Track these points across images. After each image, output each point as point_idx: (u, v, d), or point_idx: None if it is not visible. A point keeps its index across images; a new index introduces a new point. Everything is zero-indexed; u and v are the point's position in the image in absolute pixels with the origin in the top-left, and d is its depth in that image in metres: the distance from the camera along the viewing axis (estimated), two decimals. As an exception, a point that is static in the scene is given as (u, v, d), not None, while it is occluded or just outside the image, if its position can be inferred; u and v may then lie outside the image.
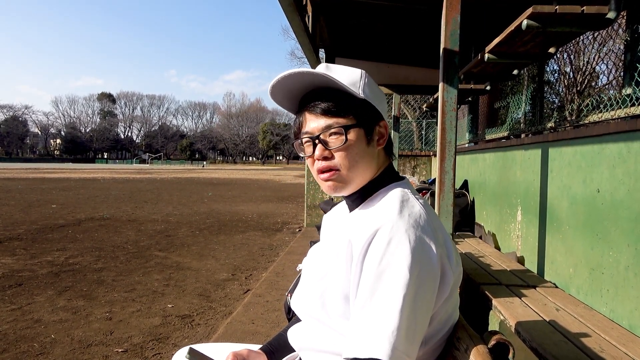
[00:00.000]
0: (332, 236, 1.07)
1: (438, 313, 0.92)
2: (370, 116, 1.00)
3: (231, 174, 38.81)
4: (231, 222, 8.77)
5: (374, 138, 1.01)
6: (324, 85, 0.98)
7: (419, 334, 0.85)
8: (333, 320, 0.95)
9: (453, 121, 2.28)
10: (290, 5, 2.58)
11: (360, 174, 0.99)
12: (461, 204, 4.96)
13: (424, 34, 4.41)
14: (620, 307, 2.08)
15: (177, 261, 5.32)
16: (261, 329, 3.10)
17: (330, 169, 0.97)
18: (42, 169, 42.42)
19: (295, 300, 1.08)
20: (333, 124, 0.96)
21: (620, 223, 2.10)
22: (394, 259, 0.84)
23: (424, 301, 0.85)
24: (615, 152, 2.18)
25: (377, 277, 0.84)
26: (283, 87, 0.99)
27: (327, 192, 1.01)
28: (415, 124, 12.94)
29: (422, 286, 0.84)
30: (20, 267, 4.86)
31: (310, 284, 1.02)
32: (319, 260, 1.02)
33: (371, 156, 1.00)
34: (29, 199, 12.63)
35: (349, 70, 1.00)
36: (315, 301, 0.99)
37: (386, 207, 0.93)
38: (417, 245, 0.85)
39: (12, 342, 2.89)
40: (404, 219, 0.88)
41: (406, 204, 0.93)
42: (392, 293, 0.82)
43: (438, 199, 2.29)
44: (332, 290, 0.95)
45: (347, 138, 0.95)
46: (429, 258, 0.86)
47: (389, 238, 0.85)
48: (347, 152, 0.96)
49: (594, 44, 5.30)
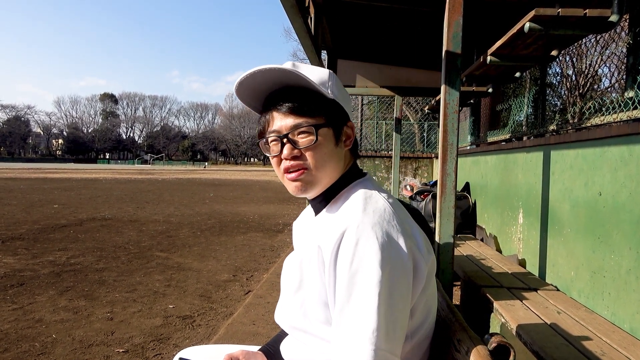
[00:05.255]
0: (302, 243, 1.06)
1: (418, 304, 0.92)
2: (338, 116, 1.00)
3: (233, 175, 38.83)
4: (232, 223, 8.77)
5: (342, 139, 1.01)
6: (292, 83, 0.96)
7: (401, 329, 0.85)
8: (317, 329, 0.94)
9: (455, 123, 2.28)
10: (292, 6, 2.58)
11: (328, 174, 0.98)
12: (463, 206, 4.96)
13: (426, 36, 4.42)
14: (621, 311, 2.08)
15: (178, 262, 5.32)
16: (262, 330, 3.10)
17: (299, 168, 0.95)
18: (44, 169, 42.50)
19: (277, 314, 1.06)
20: (302, 123, 0.94)
21: (622, 226, 2.10)
22: (364, 259, 0.83)
23: (400, 296, 0.84)
24: (617, 155, 2.17)
25: (351, 279, 0.83)
26: (250, 85, 0.97)
27: (293, 193, 0.99)
28: (417, 126, 12.94)
29: (395, 281, 0.83)
30: (22, 267, 4.87)
31: (289, 296, 1.00)
32: (293, 271, 1.00)
33: (339, 157, 1.00)
34: (31, 198, 12.65)
35: (317, 69, 0.98)
36: (296, 312, 0.97)
37: (350, 207, 0.92)
38: (385, 240, 0.85)
39: (14, 342, 2.90)
40: (368, 217, 0.88)
41: (369, 200, 0.92)
42: (367, 293, 0.81)
43: (439, 201, 2.29)
44: (310, 299, 0.94)
45: (317, 138, 0.94)
46: (399, 252, 0.85)
47: (357, 238, 0.85)
48: (316, 151, 0.95)
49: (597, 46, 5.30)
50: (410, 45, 5.16)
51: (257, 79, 0.95)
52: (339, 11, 4.12)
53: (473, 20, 3.37)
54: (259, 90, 0.99)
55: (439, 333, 1.05)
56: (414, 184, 8.11)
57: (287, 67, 0.93)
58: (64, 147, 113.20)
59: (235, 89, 0.97)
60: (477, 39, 4.44)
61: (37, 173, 32.45)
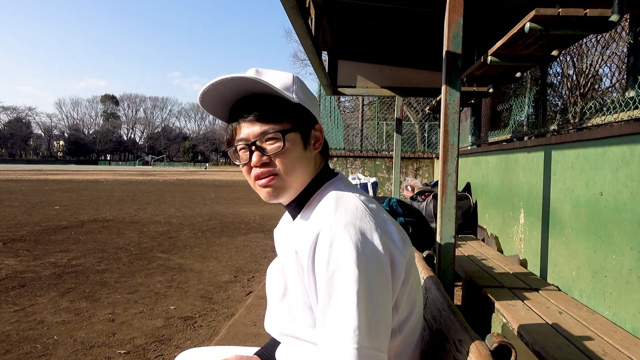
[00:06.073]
0: (282, 250, 1.06)
1: (401, 298, 0.92)
2: (305, 120, 1.00)
3: (234, 175, 38.84)
4: (233, 224, 8.77)
5: (311, 142, 1.01)
6: (257, 91, 0.96)
7: (384, 324, 0.85)
8: (306, 333, 0.95)
9: (455, 124, 2.28)
10: (293, 7, 2.58)
11: (299, 178, 0.98)
12: (464, 206, 4.96)
13: (427, 37, 4.42)
14: (623, 311, 2.07)
15: (179, 263, 5.32)
16: (263, 330, 3.09)
17: (269, 174, 0.96)
18: (45, 171, 42.56)
19: (267, 323, 1.07)
20: (269, 129, 0.94)
21: (624, 226, 2.09)
22: (339, 259, 0.84)
23: (380, 292, 0.85)
24: (619, 155, 2.17)
25: (329, 280, 0.84)
26: (214, 95, 0.96)
27: (265, 199, 0.99)
28: (417, 127, 12.94)
29: (373, 277, 0.84)
30: (23, 269, 4.87)
31: (275, 304, 1.01)
32: (276, 278, 1.00)
33: (308, 160, 1.00)
34: (32, 200, 12.67)
35: (280, 74, 0.99)
36: (285, 319, 0.98)
37: (322, 210, 0.93)
38: (359, 238, 0.85)
39: (15, 343, 2.90)
40: (340, 217, 0.88)
41: (340, 200, 0.93)
42: (346, 293, 0.82)
43: (440, 201, 2.29)
44: (296, 304, 0.95)
45: (284, 143, 0.94)
46: (374, 248, 0.86)
47: (330, 239, 0.85)
48: (285, 157, 0.95)
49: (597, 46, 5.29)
50: (411, 46, 5.16)
51: (220, 89, 0.95)
52: (340, 12, 4.13)
53: (473, 21, 3.37)
54: (224, 99, 0.99)
55: (440, 333, 1.05)
56: (415, 185, 8.11)
57: (249, 75, 0.93)
58: (65, 149, 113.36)
59: (200, 100, 0.97)
60: (478, 39, 4.44)
61: (38, 174, 32.49)
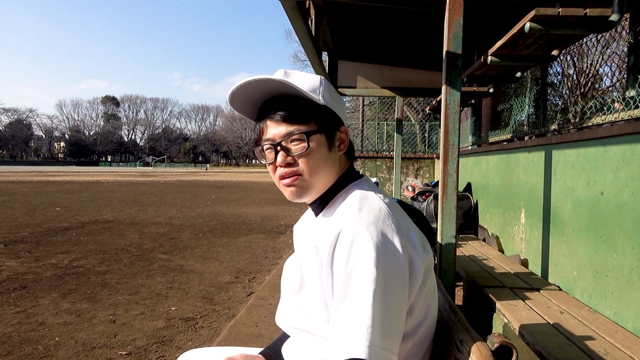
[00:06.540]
0: (302, 245, 1.08)
1: (416, 302, 0.92)
2: (331, 122, 1.01)
3: (234, 176, 38.86)
4: (234, 224, 8.77)
5: (335, 144, 1.02)
6: (284, 92, 0.98)
7: (397, 327, 0.86)
8: (318, 328, 0.95)
9: (456, 124, 2.28)
10: (293, 8, 2.59)
11: (322, 179, 1.00)
12: (464, 206, 4.95)
13: (427, 37, 4.42)
14: (624, 310, 2.07)
15: (180, 264, 5.33)
16: (264, 331, 3.10)
17: (293, 174, 0.98)
18: (46, 172, 42.58)
19: (278, 316, 1.08)
20: (294, 130, 0.96)
21: (625, 225, 2.09)
22: (359, 258, 0.85)
23: (396, 294, 0.85)
24: (619, 154, 2.17)
25: (347, 277, 0.85)
26: (243, 95, 0.99)
27: (289, 198, 1.01)
28: (418, 127, 12.93)
29: (390, 279, 0.85)
30: (24, 270, 4.88)
31: (289, 298, 1.02)
32: (293, 272, 1.02)
33: (333, 161, 1.01)
34: (33, 202, 12.68)
35: (308, 76, 1.00)
36: (298, 313, 0.99)
37: (346, 209, 0.94)
38: (380, 239, 0.86)
39: (17, 345, 2.91)
40: (363, 217, 0.90)
41: (365, 201, 0.94)
42: (362, 291, 0.83)
43: (441, 201, 2.29)
44: (311, 299, 0.96)
45: (309, 144, 0.96)
46: (394, 250, 0.87)
47: (352, 238, 0.87)
48: (309, 158, 0.97)
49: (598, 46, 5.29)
50: (411, 46, 5.16)
51: (249, 89, 0.97)
52: (340, 12, 4.13)
53: (473, 21, 3.37)
54: (253, 99, 1.01)
55: (441, 333, 1.05)
56: (416, 185, 8.10)
57: (278, 77, 0.95)
58: (66, 150, 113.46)
59: (229, 99, 0.99)
60: (478, 39, 4.44)
61: (39, 176, 32.52)
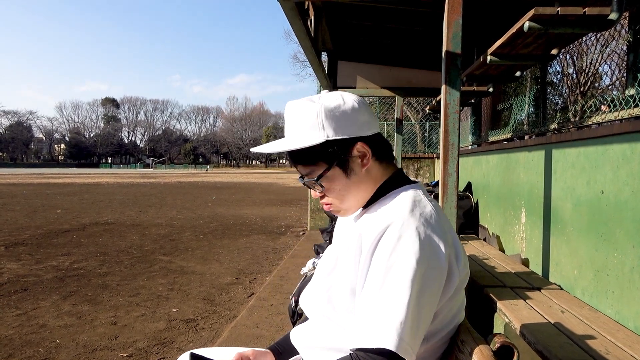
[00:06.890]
0: (344, 234, 1.10)
1: (441, 310, 0.93)
2: (340, 150, 0.97)
3: (235, 177, 38.86)
4: (235, 225, 8.77)
5: (353, 167, 0.99)
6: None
7: (423, 328, 0.87)
8: (339, 315, 0.97)
9: (456, 123, 2.27)
10: (292, 9, 2.59)
11: (355, 198, 1.03)
12: (465, 206, 4.95)
13: (426, 37, 4.42)
14: (625, 309, 2.07)
15: (181, 265, 5.33)
16: (265, 332, 3.10)
17: (327, 203, 1.04)
18: (46, 174, 42.60)
19: (303, 297, 1.12)
20: (309, 171, 1.01)
21: (625, 224, 2.09)
22: (403, 254, 0.86)
23: (430, 297, 0.87)
24: (619, 153, 2.17)
25: (386, 270, 0.86)
26: None
27: None
28: (418, 126, 12.93)
29: (428, 282, 0.86)
30: (25, 272, 4.88)
31: (319, 280, 1.06)
32: (329, 257, 1.07)
33: (359, 180, 1.01)
34: (34, 204, 12.68)
35: (303, 113, 0.97)
36: (321, 296, 1.02)
37: (398, 205, 0.95)
38: (427, 242, 0.87)
39: (18, 347, 2.90)
40: (415, 217, 0.90)
41: (418, 203, 0.95)
42: (401, 286, 0.84)
43: (441, 201, 2.29)
44: (339, 284, 0.98)
45: (322, 186, 1.00)
46: (437, 256, 0.88)
47: (400, 234, 0.88)
48: (330, 192, 1.02)
49: (597, 45, 5.29)
50: (411, 46, 5.16)
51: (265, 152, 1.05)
52: (339, 12, 4.13)
53: (473, 20, 3.37)
54: None
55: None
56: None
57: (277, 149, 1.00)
58: (66, 152, 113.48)
59: None
60: (477, 39, 4.44)
61: (40, 178, 32.52)
